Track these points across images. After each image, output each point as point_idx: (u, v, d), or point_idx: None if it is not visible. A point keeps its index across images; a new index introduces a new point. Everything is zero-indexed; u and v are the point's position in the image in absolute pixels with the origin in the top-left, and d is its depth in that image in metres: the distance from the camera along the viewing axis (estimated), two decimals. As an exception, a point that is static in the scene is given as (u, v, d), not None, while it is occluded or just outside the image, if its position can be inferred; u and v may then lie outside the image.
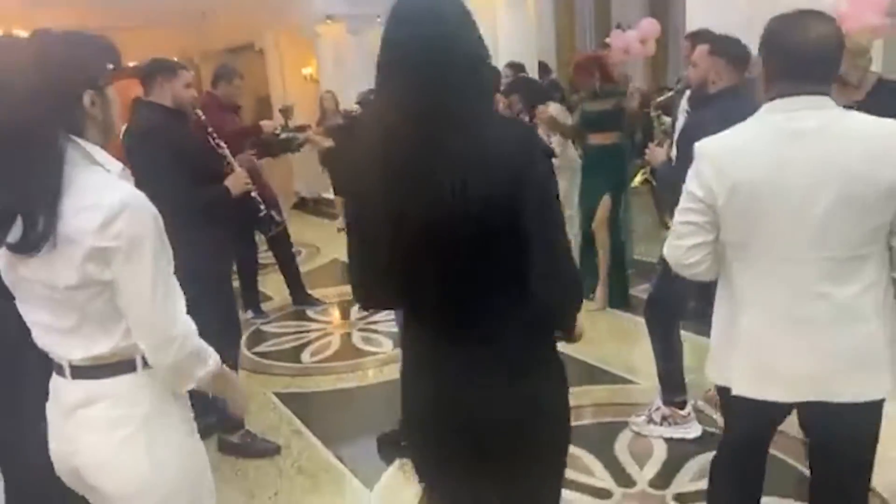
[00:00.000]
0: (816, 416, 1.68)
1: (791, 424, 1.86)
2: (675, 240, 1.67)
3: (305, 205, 9.62)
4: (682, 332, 2.97)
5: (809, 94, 1.52)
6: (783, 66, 1.55)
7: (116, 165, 1.33)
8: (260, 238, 4.89)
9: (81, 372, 1.36)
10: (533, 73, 6.47)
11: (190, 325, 1.36)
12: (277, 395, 3.69)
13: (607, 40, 7.94)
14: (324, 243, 7.23)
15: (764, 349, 1.63)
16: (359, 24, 8.66)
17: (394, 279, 1.32)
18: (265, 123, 4.72)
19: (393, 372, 3.72)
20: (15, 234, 1.25)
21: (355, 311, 4.98)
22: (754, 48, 1.69)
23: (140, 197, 1.29)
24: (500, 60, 6.38)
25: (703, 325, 3.02)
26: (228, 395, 1.60)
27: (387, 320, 4.49)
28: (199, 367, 1.39)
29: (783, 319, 1.59)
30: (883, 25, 3.06)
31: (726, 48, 2.64)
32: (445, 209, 1.21)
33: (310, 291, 5.26)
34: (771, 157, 1.53)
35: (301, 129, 5.61)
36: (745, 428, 1.82)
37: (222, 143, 3.25)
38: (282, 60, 10.00)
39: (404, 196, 1.24)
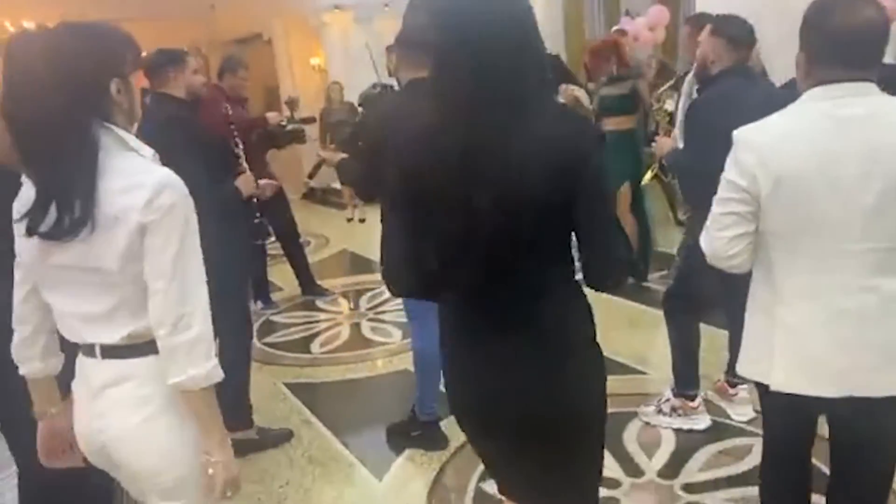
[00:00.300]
0: (854, 411, 1.59)
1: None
2: (716, 231, 1.61)
3: (314, 195, 9.63)
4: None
5: (855, 81, 1.47)
6: (826, 50, 1.49)
7: (148, 150, 1.38)
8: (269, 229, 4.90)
9: (112, 352, 1.39)
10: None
11: (202, 314, 1.34)
12: (287, 385, 3.72)
13: (616, 28, 7.91)
14: (333, 233, 7.25)
15: (808, 343, 1.57)
16: (366, 13, 8.63)
17: (435, 266, 1.34)
18: (271, 115, 4.73)
19: (402, 362, 3.75)
20: (48, 221, 1.29)
21: (364, 301, 5.00)
22: (764, 34, 1.67)
23: (176, 177, 1.34)
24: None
25: (715, 314, 3.04)
26: (203, 427, 1.40)
27: (396, 310, 4.50)
28: (195, 362, 1.32)
29: (829, 312, 1.54)
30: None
31: (726, 28, 2.62)
32: (499, 196, 1.24)
33: (319, 282, 5.28)
34: (819, 147, 1.48)
35: (306, 120, 5.64)
36: (787, 426, 1.76)
37: (240, 142, 3.25)
38: (290, 50, 10.00)
39: (459, 182, 1.25)
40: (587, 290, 1.41)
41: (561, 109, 1.47)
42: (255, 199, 3.24)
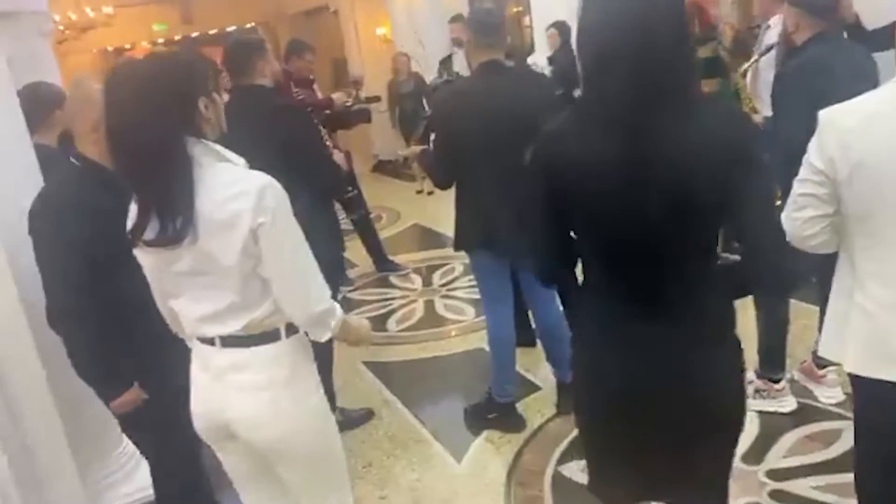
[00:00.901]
0: None
1: None
2: (793, 211, 1.62)
3: (384, 167, 9.72)
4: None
5: None
6: None
7: (240, 159, 1.51)
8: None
9: (231, 342, 1.55)
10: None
11: (321, 288, 1.57)
12: (366, 364, 3.83)
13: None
14: (404, 207, 7.32)
15: (883, 328, 1.55)
16: (430, -20, 8.53)
17: (590, 255, 1.42)
18: (336, 96, 4.79)
19: (477, 340, 3.79)
20: (151, 231, 1.44)
21: (437, 277, 5.06)
22: None
23: (272, 178, 1.47)
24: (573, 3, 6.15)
25: (806, 290, 2.91)
26: (352, 337, 1.75)
27: (468, 286, 4.54)
28: (333, 317, 1.59)
29: None
30: None
31: None
32: (671, 196, 1.26)
33: (391, 257, 5.36)
34: None
35: (371, 99, 5.69)
36: (870, 411, 1.69)
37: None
38: (356, 21, 9.99)
39: (629, 185, 1.28)
40: None
41: (707, 99, 1.46)
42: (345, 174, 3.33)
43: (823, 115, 1.53)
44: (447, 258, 5.27)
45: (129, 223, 1.49)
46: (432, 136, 2.90)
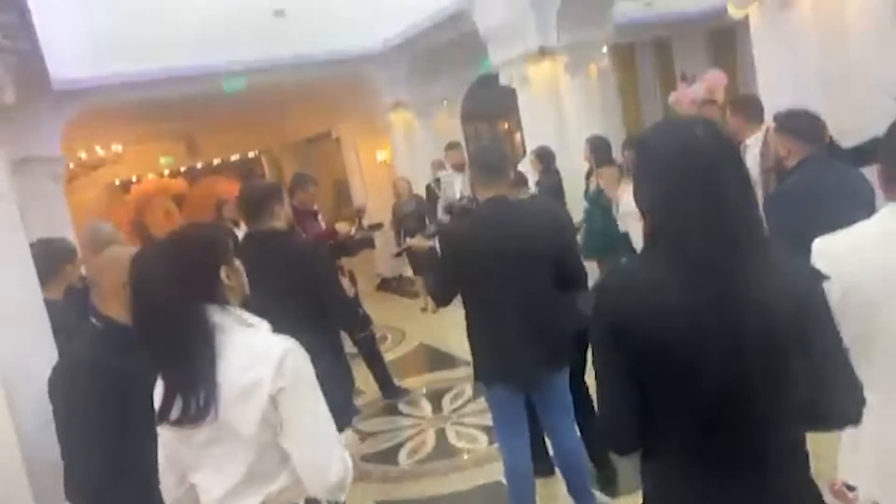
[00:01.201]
0: None
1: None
2: None
3: (388, 285, 9.78)
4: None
5: None
6: None
7: (264, 323, 1.52)
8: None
9: None
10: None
11: (339, 454, 1.51)
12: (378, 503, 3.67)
13: (673, 94, 7.88)
14: (409, 325, 7.29)
15: (888, 454, 1.56)
16: (426, 108, 8.97)
17: (669, 413, 1.31)
18: (340, 226, 4.92)
19: (493, 471, 3.65)
20: (177, 410, 1.42)
21: (447, 402, 4.95)
22: (825, 97, 1.68)
23: (294, 342, 1.47)
24: (567, 130, 6.41)
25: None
26: None
27: (479, 411, 4.43)
28: (349, 478, 1.54)
29: None
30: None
31: (789, 124, 2.68)
32: (758, 345, 1.23)
33: (398, 381, 5.28)
34: (885, 260, 1.50)
35: (374, 227, 5.89)
36: None
37: None
38: (357, 147, 10.40)
39: (713, 322, 1.23)
40: None
41: (775, 243, 1.49)
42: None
43: (816, 244, 1.58)
44: (455, 380, 5.18)
45: (157, 400, 1.48)
46: (438, 248, 2.96)
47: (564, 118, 6.49)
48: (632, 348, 1.28)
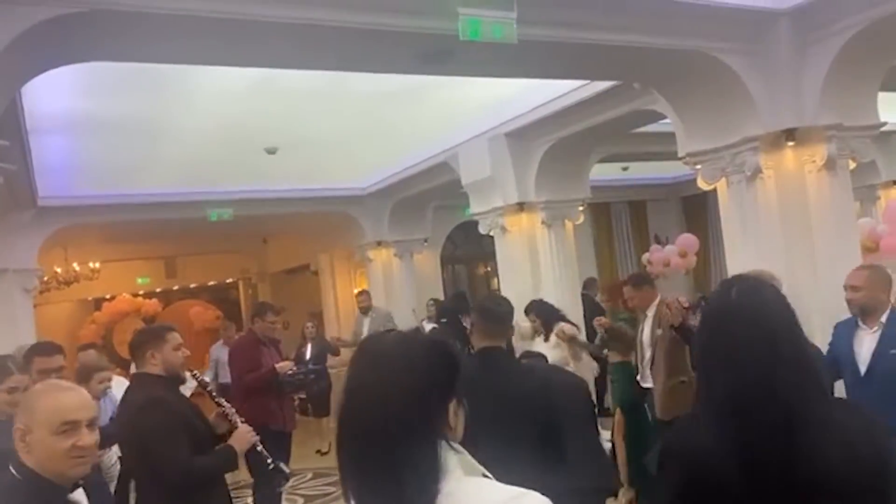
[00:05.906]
0: None
1: None
2: None
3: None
4: None
5: None
6: None
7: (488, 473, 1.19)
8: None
9: None
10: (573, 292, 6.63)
11: None
12: None
13: (646, 255, 8.13)
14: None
15: None
16: (406, 248, 9.15)
17: None
18: (280, 366, 4.93)
19: None
20: None
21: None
22: (792, 272, 1.72)
23: (539, 496, 1.14)
24: (542, 278, 6.54)
25: None
26: None
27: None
28: None
29: None
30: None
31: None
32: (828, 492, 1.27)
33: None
34: None
35: (317, 372, 6.05)
36: None
37: (223, 402, 3.15)
38: (335, 280, 10.47)
39: (761, 489, 1.29)
40: None
41: (838, 403, 1.55)
42: (258, 447, 3.00)
43: None
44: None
45: None
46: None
47: (540, 266, 6.65)
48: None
